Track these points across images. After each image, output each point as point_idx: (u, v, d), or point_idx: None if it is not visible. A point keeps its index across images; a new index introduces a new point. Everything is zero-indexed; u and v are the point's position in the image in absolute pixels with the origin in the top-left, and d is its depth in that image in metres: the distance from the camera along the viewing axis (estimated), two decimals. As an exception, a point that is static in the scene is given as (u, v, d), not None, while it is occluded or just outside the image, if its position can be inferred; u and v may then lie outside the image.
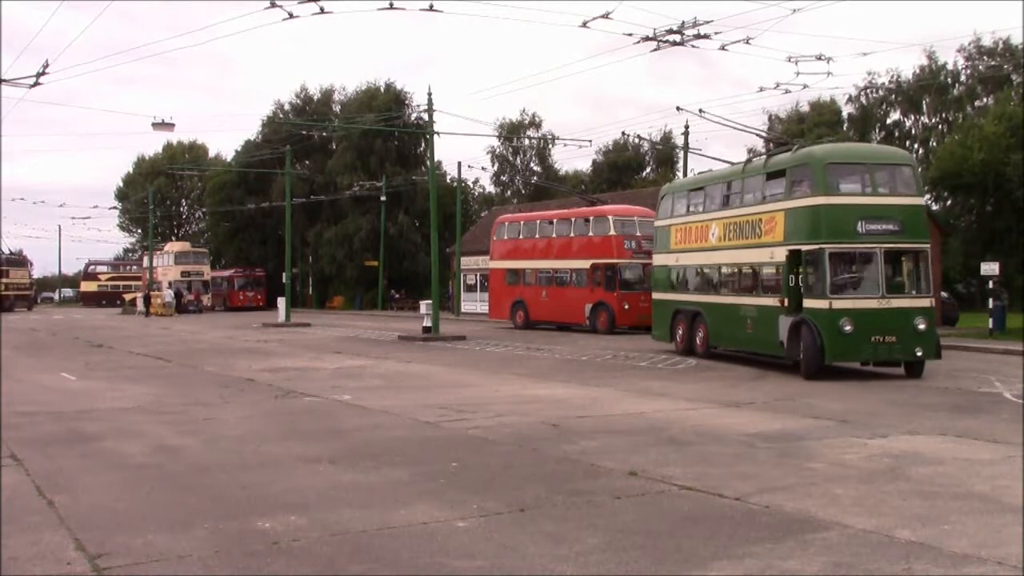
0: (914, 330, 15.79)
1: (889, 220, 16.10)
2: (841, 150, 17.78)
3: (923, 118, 58.28)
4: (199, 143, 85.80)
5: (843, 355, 16.04)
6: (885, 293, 15.82)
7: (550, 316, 32.54)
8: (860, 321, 15.65)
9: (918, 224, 16.44)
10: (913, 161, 17.74)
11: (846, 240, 15.97)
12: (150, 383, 16.15)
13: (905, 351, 15.94)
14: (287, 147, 44.69)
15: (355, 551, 5.86)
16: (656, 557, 5.70)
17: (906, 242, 16.18)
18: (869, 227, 15.94)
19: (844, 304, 15.76)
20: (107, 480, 8.17)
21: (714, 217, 20.07)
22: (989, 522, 6.47)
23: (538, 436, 10.23)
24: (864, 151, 18.37)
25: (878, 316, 15.74)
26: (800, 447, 9.52)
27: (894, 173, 16.90)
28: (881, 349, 15.92)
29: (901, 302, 15.92)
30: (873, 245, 15.89)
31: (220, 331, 34.32)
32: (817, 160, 16.55)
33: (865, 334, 15.71)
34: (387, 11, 20.15)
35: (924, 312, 15.99)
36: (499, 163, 74.52)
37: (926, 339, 15.96)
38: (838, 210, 16.11)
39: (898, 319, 15.77)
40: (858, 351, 16.04)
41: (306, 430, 10.88)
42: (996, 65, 50.09)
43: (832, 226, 16.02)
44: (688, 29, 18.35)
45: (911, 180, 16.78)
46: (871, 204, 16.25)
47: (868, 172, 16.45)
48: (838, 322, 15.62)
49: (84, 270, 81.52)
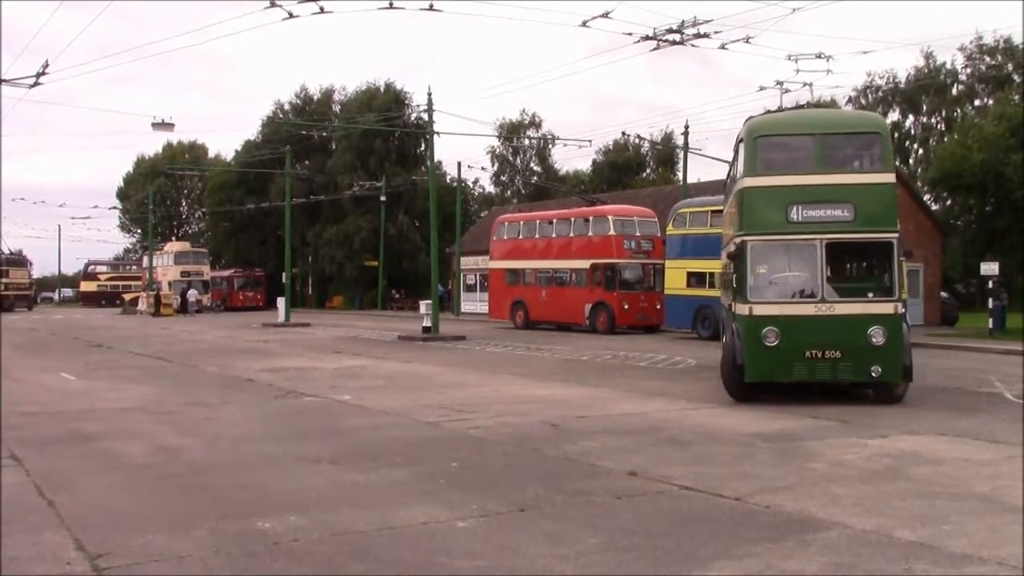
0: (868, 344, 12.40)
1: (836, 204, 12.80)
2: (781, 119, 14.46)
3: (923, 118, 58.37)
4: (199, 143, 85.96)
5: (767, 373, 12.85)
6: (825, 297, 12.67)
7: (550, 316, 32.55)
8: (790, 332, 12.59)
9: (882, 208, 12.89)
10: (883, 127, 13.67)
11: (774, 230, 12.95)
12: (150, 383, 16.15)
13: (856, 371, 12.59)
14: (287, 147, 44.67)
15: (355, 551, 5.86)
16: (656, 557, 5.70)
17: (861, 231, 12.80)
18: (807, 213, 12.84)
19: (768, 310, 12.76)
20: (107, 480, 8.17)
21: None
22: (989, 522, 6.47)
23: (538, 436, 10.23)
24: (814, 118, 14.37)
25: (815, 326, 12.59)
26: (800, 447, 9.52)
27: (852, 143, 13.68)
28: (820, 368, 12.64)
29: (849, 308, 12.65)
30: (811, 236, 12.75)
31: (220, 331, 34.31)
32: (747, 134, 13.46)
33: (797, 348, 12.56)
34: (387, 11, 20.13)
35: (884, 321, 12.45)
36: (499, 163, 74.62)
37: (886, 356, 12.41)
38: (764, 194, 13.09)
39: (845, 330, 12.52)
40: (786, 369, 12.73)
41: (306, 430, 10.88)
42: (996, 65, 50.13)
43: (757, 214, 13.11)
44: (688, 28, 18.36)
45: (877, 152, 13.25)
46: (807, 185, 12.95)
47: (815, 144, 13.12)
48: (760, 332, 12.66)
49: (84, 270, 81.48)
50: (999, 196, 33.30)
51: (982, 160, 32.06)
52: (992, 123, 34.41)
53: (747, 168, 13.32)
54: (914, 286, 29.78)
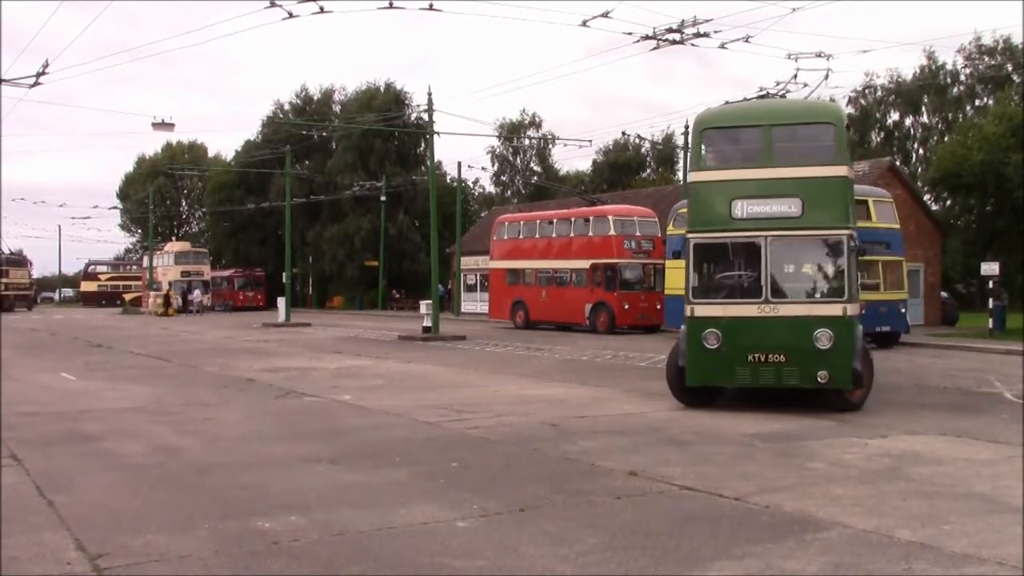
0: (813, 348, 11.68)
1: (782, 199, 12.13)
2: (730, 111, 13.88)
3: (923, 118, 58.39)
4: (199, 143, 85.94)
5: (708, 377, 12.29)
6: (770, 297, 11.99)
7: (550, 316, 32.55)
8: (732, 334, 11.99)
9: (832, 203, 12.15)
10: (836, 117, 12.73)
11: (718, 227, 12.40)
12: (150, 383, 16.14)
13: (802, 376, 11.82)
14: (287, 147, 44.66)
15: (355, 551, 5.86)
16: (656, 557, 5.70)
17: (809, 228, 12.09)
18: (751, 209, 12.18)
19: (710, 311, 12.24)
20: (107, 480, 8.18)
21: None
22: (989, 522, 6.47)
23: (538, 436, 10.23)
24: (763, 109, 13.49)
25: (758, 328, 11.97)
26: (800, 447, 9.52)
27: (803, 134, 12.84)
28: (764, 372, 11.94)
29: (794, 309, 11.95)
30: (756, 233, 12.08)
31: (220, 331, 34.31)
32: (695, 127, 13.00)
33: (739, 351, 11.96)
34: (387, 11, 20.14)
35: (831, 323, 11.70)
36: (499, 163, 74.64)
37: (834, 361, 11.65)
38: (709, 189, 12.58)
39: (789, 333, 11.84)
40: (728, 373, 12.14)
41: (306, 430, 10.88)
42: (996, 65, 50.13)
43: (701, 210, 12.65)
44: (688, 28, 18.36)
45: (830, 143, 12.38)
46: (752, 179, 12.35)
47: (762, 136, 12.44)
48: (700, 334, 12.10)
49: (84, 270, 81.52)
50: (999, 196, 33.29)
51: (982, 160, 32.05)
52: (992, 123, 34.41)
53: (693, 162, 12.93)
54: (914, 286, 29.77)
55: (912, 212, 32.41)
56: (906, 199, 31.99)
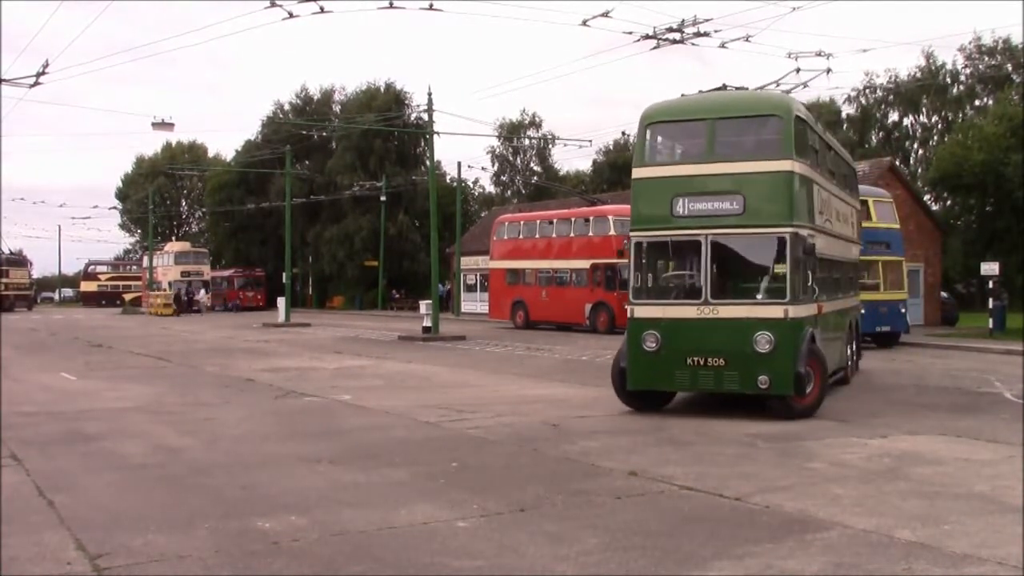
0: (753, 351, 11.15)
1: (723, 196, 11.60)
2: (676, 104, 12.90)
3: (922, 118, 58.40)
4: (199, 143, 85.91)
5: (648, 381, 11.90)
6: (709, 298, 11.50)
7: (550, 316, 32.55)
8: (670, 336, 11.56)
9: (775, 200, 11.50)
10: (783, 109, 11.87)
11: (659, 225, 11.95)
12: (150, 383, 16.15)
13: (742, 381, 11.32)
14: (287, 147, 44.65)
15: (355, 551, 5.87)
16: (656, 557, 5.70)
17: (749, 226, 11.52)
18: (693, 206, 11.68)
19: (650, 312, 11.83)
20: (107, 480, 8.18)
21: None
22: (989, 522, 6.47)
23: (538, 436, 10.23)
24: (710, 102, 12.57)
25: (697, 330, 11.50)
26: (800, 447, 9.52)
27: (748, 128, 12.29)
28: (703, 376, 11.48)
29: (734, 311, 11.43)
30: (697, 231, 11.61)
31: (220, 331, 34.32)
32: (640, 121, 12.40)
33: (678, 354, 11.51)
34: (387, 11, 20.13)
35: (772, 326, 11.11)
36: (499, 163, 74.56)
37: (774, 365, 11.08)
38: (650, 185, 12.14)
39: (729, 335, 11.33)
40: (668, 377, 11.72)
41: (306, 430, 10.89)
42: (996, 65, 50.14)
43: (643, 208, 12.25)
44: (688, 27, 18.35)
45: (774, 137, 11.72)
46: (693, 175, 11.88)
47: (707, 130, 11.89)
48: (640, 336, 11.77)
49: (84, 270, 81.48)
50: (999, 196, 33.31)
51: (982, 160, 32.06)
52: (992, 123, 34.42)
53: (636, 157, 12.51)
54: (914, 286, 29.77)
55: (912, 212, 32.40)
56: (906, 199, 31.98)
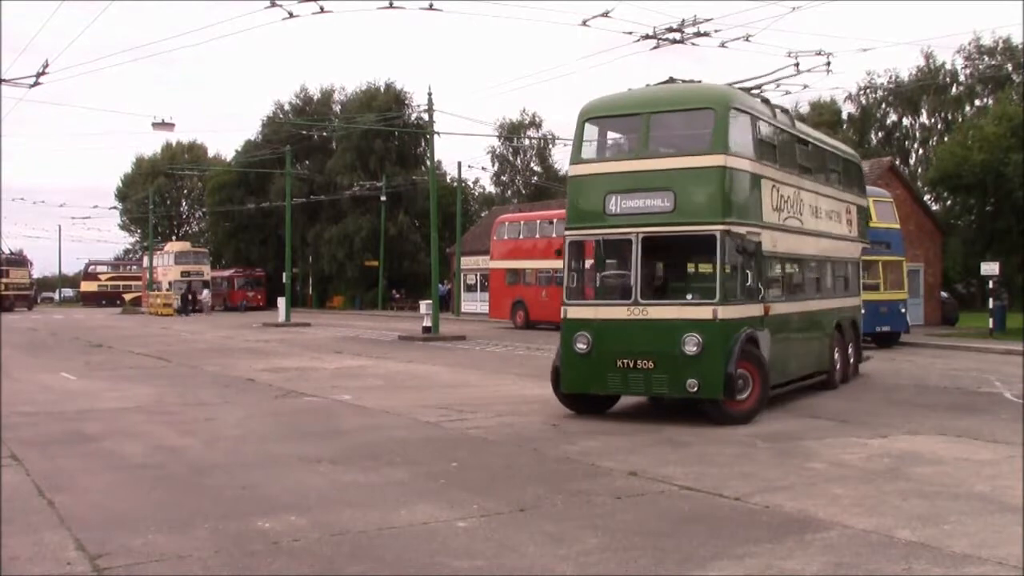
0: (681, 353, 10.74)
1: (654, 193, 11.18)
2: (613, 99, 12.40)
3: (922, 118, 58.41)
4: (199, 143, 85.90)
5: (581, 383, 11.55)
6: (639, 299, 11.11)
7: (550, 316, 32.44)
8: (601, 338, 11.21)
9: (705, 197, 11.08)
10: (718, 102, 11.40)
11: (593, 224, 11.71)
12: (150, 383, 16.15)
13: (671, 384, 10.92)
14: (287, 147, 44.66)
15: (355, 551, 5.87)
16: (656, 557, 5.70)
17: (680, 223, 11.11)
18: (625, 204, 11.31)
19: (581, 313, 11.62)
20: (107, 480, 8.18)
21: None
22: (989, 522, 6.47)
23: (538, 436, 10.24)
24: (646, 96, 12.10)
25: (627, 331, 11.11)
26: (800, 447, 9.52)
27: (682, 122, 11.85)
28: (633, 379, 11.09)
29: (663, 312, 11.04)
30: (628, 230, 11.22)
31: (220, 331, 34.32)
32: (578, 117, 12.10)
33: (609, 356, 11.13)
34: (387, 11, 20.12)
35: (700, 327, 10.70)
36: (499, 163, 74.58)
37: (703, 368, 10.66)
38: (585, 183, 11.88)
39: (658, 337, 10.91)
40: (600, 380, 11.32)
41: (306, 430, 10.88)
42: (996, 65, 50.13)
43: (577, 205, 12.00)
44: (688, 27, 18.35)
45: (707, 130, 11.23)
46: (625, 171, 11.48)
47: (641, 125, 11.50)
48: (572, 338, 11.45)
49: (84, 270, 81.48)
50: (999, 196, 33.24)
51: (982, 160, 32.01)
52: (992, 123, 34.38)
53: (572, 154, 12.20)
54: (914, 286, 29.78)
55: (912, 212, 32.40)
56: (906, 199, 31.98)
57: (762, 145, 12.06)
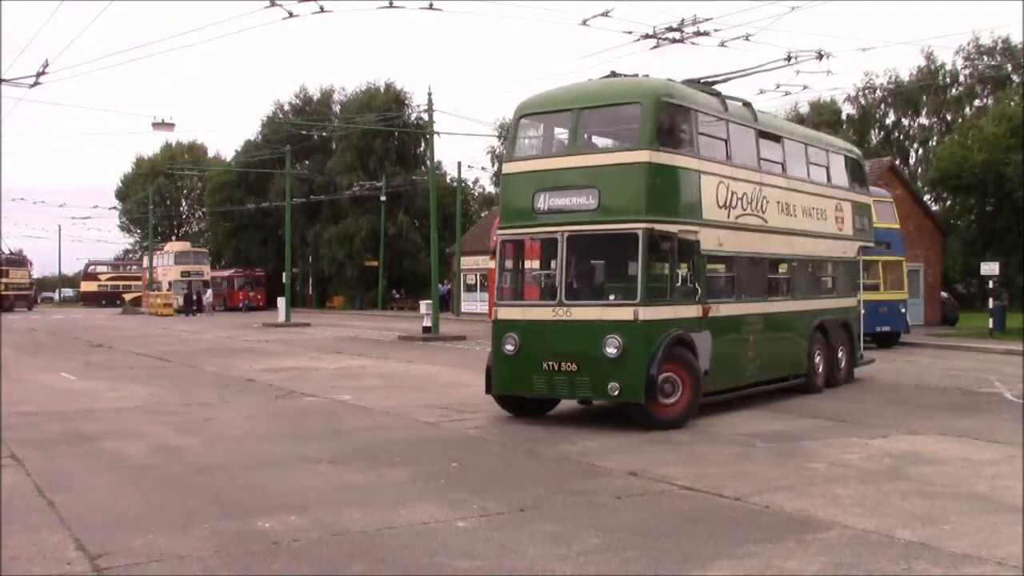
0: (603, 356, 10.44)
1: (580, 190, 10.94)
2: (547, 95, 12.13)
3: (921, 119, 58.40)
4: (199, 143, 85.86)
5: (510, 385, 11.32)
6: (563, 300, 10.83)
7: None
8: (528, 339, 10.97)
9: (627, 194, 10.77)
10: (646, 96, 11.06)
11: (523, 223, 11.46)
12: (150, 383, 16.15)
13: (594, 388, 10.68)
14: (287, 147, 44.65)
15: (355, 551, 5.87)
16: (656, 557, 5.70)
17: (603, 221, 10.85)
18: (552, 202, 11.08)
19: (510, 314, 11.33)
20: (107, 480, 8.18)
21: None
22: (989, 522, 6.47)
23: (538, 436, 10.24)
24: (576, 92, 11.92)
25: (552, 333, 10.86)
26: (800, 447, 9.52)
27: (610, 117, 11.59)
28: (559, 382, 10.81)
29: (586, 313, 10.74)
30: (554, 228, 10.96)
31: (220, 331, 34.32)
32: (514, 114, 12.02)
33: (535, 358, 10.87)
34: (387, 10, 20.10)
35: (621, 329, 10.39)
36: (499, 163, 74.51)
37: (625, 371, 10.35)
38: (517, 180, 11.66)
39: (581, 338, 10.63)
40: (527, 382, 11.05)
41: (306, 430, 10.89)
42: (996, 65, 50.12)
43: (510, 204, 11.83)
44: (688, 26, 18.35)
45: (633, 126, 10.99)
46: (554, 169, 11.29)
47: (571, 121, 11.28)
48: (501, 339, 11.22)
49: (84, 270, 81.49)
50: (999, 196, 33.25)
51: (982, 160, 32.02)
52: (992, 123, 34.38)
53: (507, 151, 11.94)
54: (914, 286, 29.79)
55: (912, 212, 32.40)
56: (906, 199, 31.97)
57: (705, 140, 11.77)
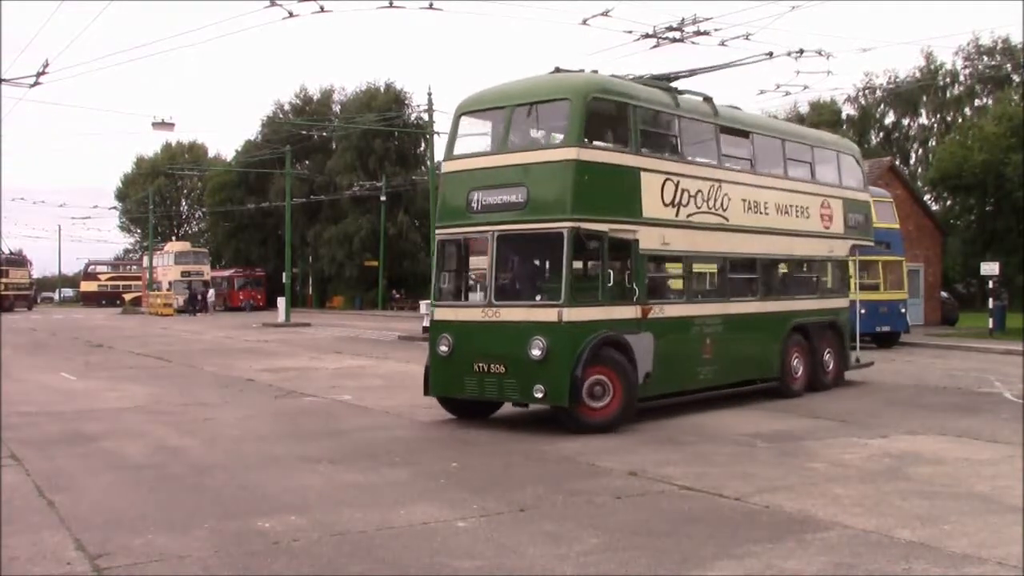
0: (528, 358, 10.29)
1: (510, 188, 10.84)
2: (485, 92, 12.00)
3: (921, 119, 58.42)
4: (199, 143, 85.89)
5: (445, 387, 11.27)
6: (493, 300, 10.78)
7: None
8: (460, 340, 10.93)
9: (554, 192, 10.62)
10: (575, 92, 10.90)
11: (458, 221, 11.34)
12: (150, 383, 16.14)
13: (522, 390, 10.50)
14: (287, 147, 44.67)
15: (355, 551, 5.87)
16: (656, 557, 5.70)
17: (530, 220, 10.70)
18: (485, 201, 11.00)
19: (444, 315, 11.31)
20: (107, 480, 8.18)
21: None
22: (989, 522, 6.47)
23: (537, 436, 10.23)
24: (510, 89, 11.77)
25: (482, 334, 10.79)
26: (800, 447, 9.53)
27: (542, 114, 11.47)
28: (488, 384, 10.71)
29: (513, 314, 10.64)
30: (485, 228, 10.92)
31: (220, 331, 34.31)
32: (454, 113, 11.91)
33: (467, 359, 10.83)
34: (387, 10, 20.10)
35: (546, 330, 10.24)
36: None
37: (550, 373, 10.19)
38: (453, 179, 11.61)
39: (508, 340, 10.53)
40: (460, 383, 10.99)
41: (306, 430, 10.89)
42: (996, 65, 50.12)
43: (447, 203, 11.64)
44: (688, 26, 18.36)
45: (562, 122, 10.96)
46: (486, 167, 11.20)
47: (504, 119, 11.20)
48: (436, 340, 11.19)
49: (84, 270, 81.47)
50: (999, 196, 33.26)
51: (982, 160, 32.02)
52: (992, 123, 34.38)
53: (445, 150, 11.95)
54: (914, 286, 29.80)
55: (912, 212, 32.39)
56: (906, 199, 31.97)
57: (648, 136, 11.62)
